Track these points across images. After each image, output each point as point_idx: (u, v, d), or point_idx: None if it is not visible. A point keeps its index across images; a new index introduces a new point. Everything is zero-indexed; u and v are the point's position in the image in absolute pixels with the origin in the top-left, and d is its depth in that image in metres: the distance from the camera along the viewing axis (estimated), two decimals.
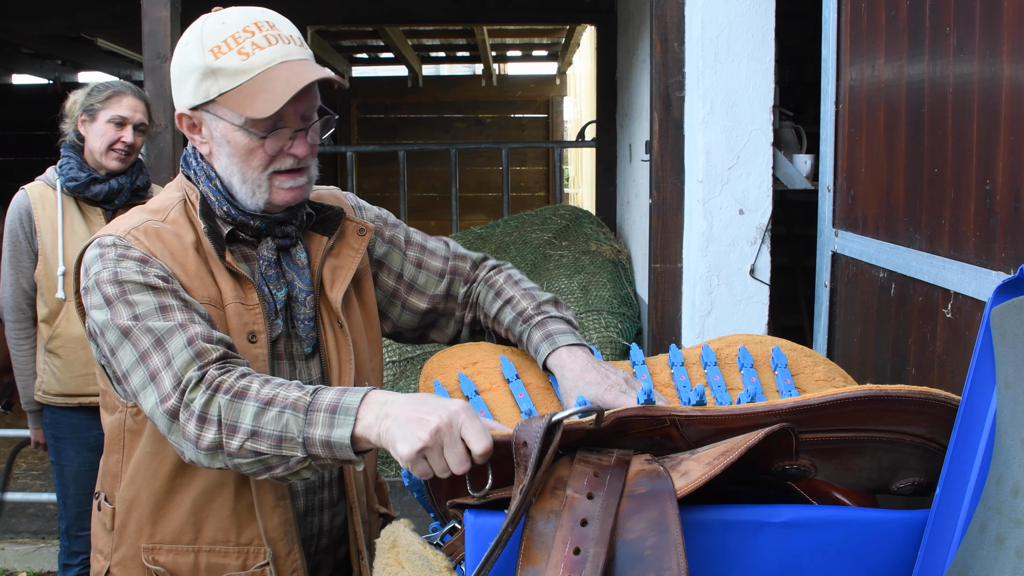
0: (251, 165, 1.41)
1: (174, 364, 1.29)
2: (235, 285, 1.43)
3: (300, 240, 1.51)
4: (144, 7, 3.07)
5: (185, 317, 1.33)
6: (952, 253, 1.58)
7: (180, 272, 1.39)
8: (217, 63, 1.37)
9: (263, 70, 1.36)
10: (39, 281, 2.83)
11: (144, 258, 1.37)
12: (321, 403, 1.23)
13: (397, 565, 0.99)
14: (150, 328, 1.32)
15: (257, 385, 1.27)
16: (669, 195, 2.81)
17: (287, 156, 1.42)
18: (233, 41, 1.37)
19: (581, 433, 1.09)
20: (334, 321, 1.52)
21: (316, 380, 1.52)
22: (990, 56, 1.46)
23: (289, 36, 1.42)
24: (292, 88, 1.34)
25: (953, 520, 1.07)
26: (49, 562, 4.10)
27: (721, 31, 2.63)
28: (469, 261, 1.70)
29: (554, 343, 1.50)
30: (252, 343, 1.43)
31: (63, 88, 7.77)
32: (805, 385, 1.45)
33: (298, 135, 1.42)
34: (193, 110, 1.42)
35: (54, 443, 2.94)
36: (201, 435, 1.26)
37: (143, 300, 1.34)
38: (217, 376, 1.28)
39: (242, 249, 1.48)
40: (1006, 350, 1.01)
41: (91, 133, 2.82)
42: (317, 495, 1.54)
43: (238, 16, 1.40)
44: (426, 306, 1.66)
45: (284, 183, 1.43)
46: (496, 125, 9.73)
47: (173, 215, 1.46)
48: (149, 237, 1.40)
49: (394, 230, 1.68)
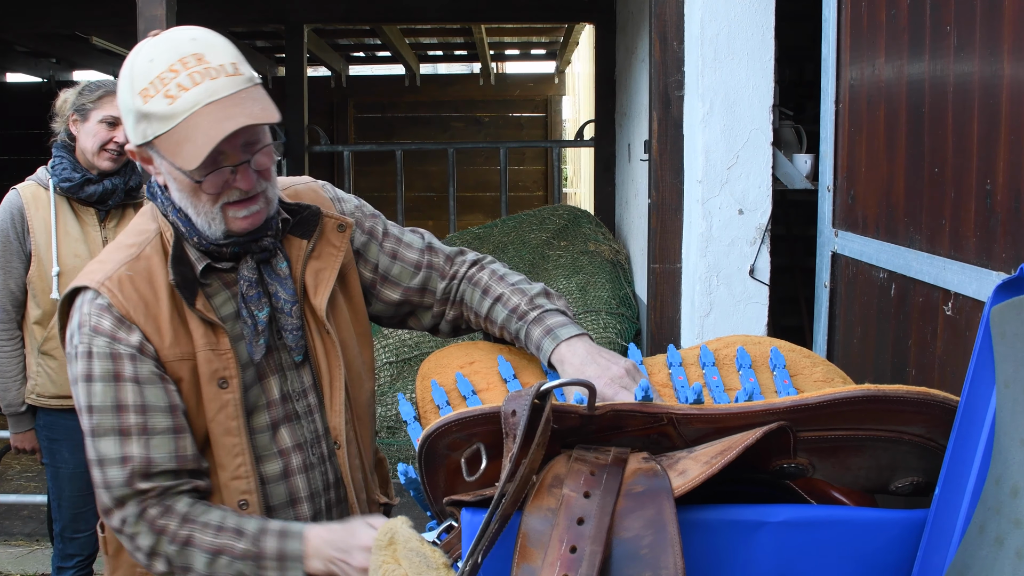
0: (200, 200, 1.40)
1: (112, 488, 1.39)
2: (207, 331, 1.44)
3: (279, 249, 1.50)
4: (139, 5, 3.06)
5: (137, 422, 1.39)
6: (952, 253, 1.58)
7: (153, 332, 1.41)
8: (146, 107, 1.34)
9: (187, 116, 1.32)
10: (33, 283, 2.81)
11: (117, 324, 1.40)
12: (268, 551, 1.38)
13: (394, 563, 0.99)
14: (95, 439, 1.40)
15: (199, 533, 1.39)
16: (668, 195, 2.81)
17: (234, 189, 1.39)
18: (160, 83, 1.33)
19: (575, 420, 1.09)
20: (321, 328, 1.52)
21: (308, 387, 1.54)
22: (991, 55, 1.46)
23: (219, 66, 1.35)
24: (212, 140, 1.30)
25: (952, 520, 1.07)
26: (43, 564, 4.09)
27: (721, 30, 2.63)
28: (443, 255, 1.69)
29: (556, 338, 1.50)
30: (223, 389, 1.44)
31: (57, 86, 7.75)
32: (803, 386, 1.45)
33: (240, 168, 1.38)
34: (139, 147, 1.40)
35: (48, 445, 2.92)
36: (151, 565, 1.41)
37: (102, 393, 1.39)
38: (158, 518, 1.39)
39: (222, 277, 1.48)
40: (1006, 349, 1.01)
41: (83, 133, 2.80)
42: (322, 497, 1.56)
43: (165, 51, 1.35)
44: (399, 298, 1.66)
45: (238, 213, 1.41)
46: (494, 124, 9.73)
47: (148, 251, 1.45)
48: (124, 289, 1.41)
49: (373, 221, 1.67)
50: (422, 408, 1.50)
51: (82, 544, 2.98)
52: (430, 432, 1.09)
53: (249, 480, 1.46)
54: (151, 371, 1.40)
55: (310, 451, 1.53)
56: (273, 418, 1.50)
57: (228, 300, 1.48)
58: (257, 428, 1.49)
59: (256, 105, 1.34)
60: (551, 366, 1.50)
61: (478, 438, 1.09)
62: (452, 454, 1.10)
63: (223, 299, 1.47)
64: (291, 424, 1.52)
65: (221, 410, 1.44)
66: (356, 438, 1.58)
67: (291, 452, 1.51)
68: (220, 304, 1.47)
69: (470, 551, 0.94)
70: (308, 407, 1.54)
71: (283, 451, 1.51)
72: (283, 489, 1.51)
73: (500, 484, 0.99)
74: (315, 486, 1.54)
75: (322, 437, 1.54)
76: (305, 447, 1.53)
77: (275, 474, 1.50)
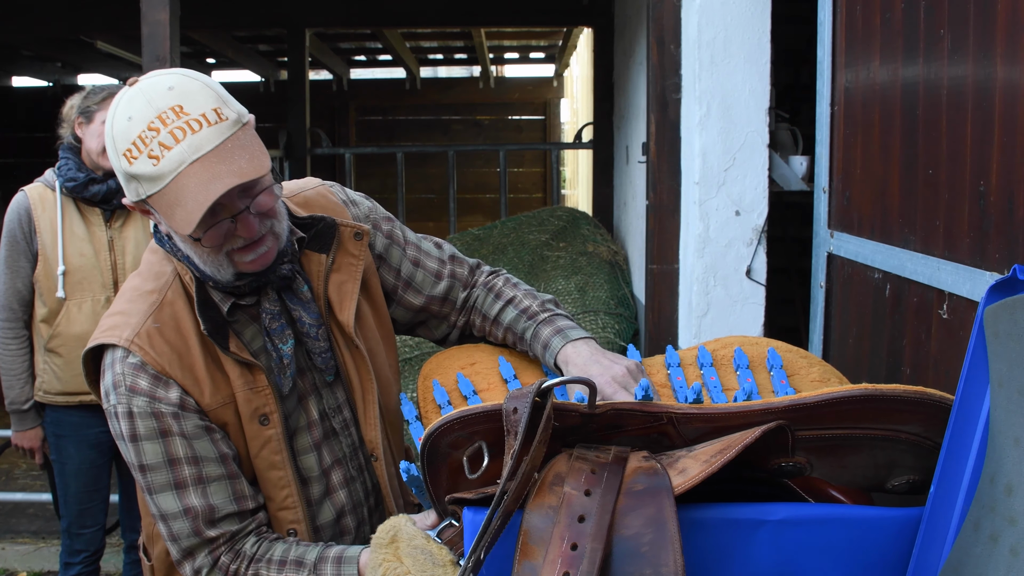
0: (203, 250, 1.36)
1: (180, 540, 1.39)
2: (243, 371, 1.41)
3: (298, 273, 1.47)
4: (143, 10, 3.07)
5: (192, 473, 1.38)
6: (946, 254, 1.59)
7: (191, 384, 1.38)
8: (132, 169, 1.29)
9: (174, 177, 1.27)
10: (39, 281, 2.84)
11: (154, 383, 1.37)
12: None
13: (395, 560, 1.00)
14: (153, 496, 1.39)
15: (264, 570, 1.38)
16: (666, 196, 2.82)
17: (237, 237, 1.35)
18: (141, 143, 1.27)
19: (576, 418, 1.10)
20: (350, 343, 1.52)
21: (342, 402, 1.54)
22: (984, 58, 1.47)
23: (201, 116, 1.29)
24: (201, 206, 1.25)
25: (947, 518, 1.07)
26: (49, 562, 4.11)
27: (718, 33, 2.64)
28: (467, 266, 1.71)
29: (566, 337, 1.52)
30: (264, 425, 1.43)
31: (63, 90, 7.78)
32: (800, 386, 1.46)
33: (240, 216, 1.33)
34: (135, 203, 1.36)
35: (55, 441, 2.95)
36: None
37: (152, 451, 1.37)
38: (230, 564, 1.39)
39: (247, 310, 1.45)
40: (999, 349, 1.02)
41: (88, 134, 2.83)
42: (364, 507, 1.58)
43: (142, 106, 1.29)
44: (420, 304, 1.67)
45: (244, 257, 1.37)
46: (493, 127, 9.75)
47: (171, 296, 1.42)
48: (155, 345, 1.37)
49: (390, 224, 1.66)
50: (424, 408, 1.51)
51: (88, 540, 3.01)
52: (433, 430, 1.10)
53: (296, 510, 1.46)
54: (196, 425, 1.38)
55: (349, 465, 1.55)
56: (315, 438, 1.50)
57: (257, 333, 1.46)
58: (301, 450, 1.49)
59: (243, 156, 1.29)
60: (556, 366, 1.52)
61: (480, 436, 1.10)
62: (454, 452, 1.11)
63: (252, 333, 1.45)
64: (330, 441, 1.53)
65: (265, 446, 1.43)
66: (391, 446, 1.59)
67: (332, 469, 1.52)
68: (250, 339, 1.45)
69: (473, 547, 0.95)
70: (344, 422, 1.54)
71: (326, 470, 1.52)
72: (328, 507, 1.52)
73: (502, 481, 1.00)
74: (356, 498, 1.56)
75: (358, 448, 1.56)
76: (344, 462, 1.54)
77: (320, 494, 1.51)
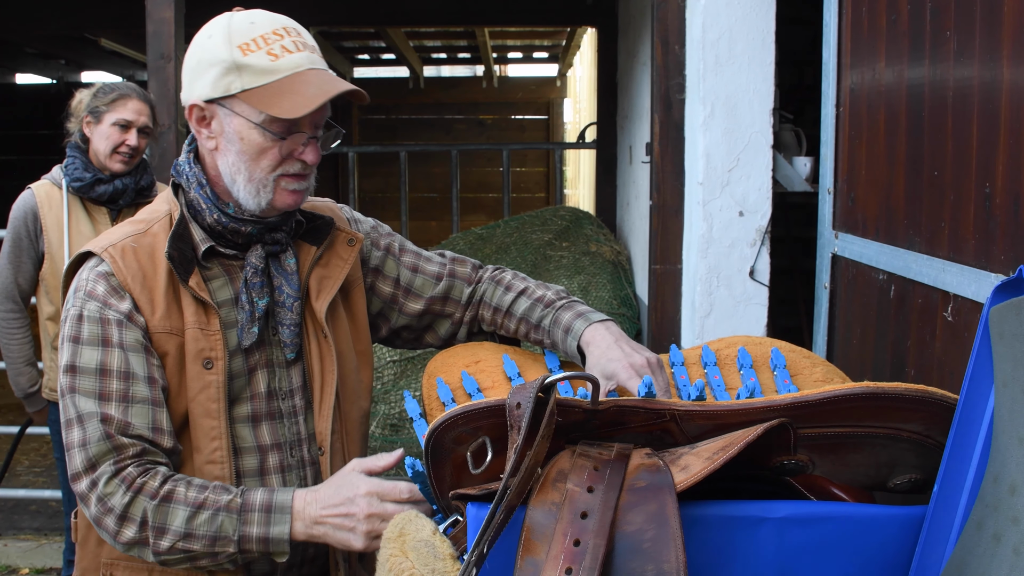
0: (260, 165, 1.42)
1: (89, 445, 1.37)
2: (198, 309, 1.44)
3: (290, 247, 1.52)
4: (148, 8, 3.08)
5: (119, 388, 1.38)
6: (951, 255, 1.59)
7: (145, 303, 1.42)
8: (245, 59, 1.38)
9: (291, 73, 1.39)
10: (46, 279, 2.87)
11: (111, 292, 1.41)
12: (253, 503, 1.37)
13: (401, 555, 1.00)
14: (74, 395, 1.39)
15: (183, 489, 1.37)
16: (669, 197, 2.83)
17: (296, 161, 1.44)
18: (263, 41, 1.39)
19: (579, 414, 1.10)
20: (319, 331, 1.53)
21: (297, 387, 1.52)
22: (990, 60, 1.47)
23: (313, 47, 1.45)
24: (324, 94, 1.38)
25: (951, 517, 1.08)
26: (51, 558, 4.12)
27: (722, 34, 2.64)
28: (469, 264, 1.72)
29: (588, 319, 1.53)
30: (207, 369, 1.44)
31: (67, 88, 7.78)
32: (803, 385, 1.47)
33: (311, 142, 1.45)
34: (208, 103, 1.42)
35: (59, 439, 2.96)
36: (120, 531, 1.36)
37: (88, 356, 1.40)
38: (136, 476, 1.37)
39: (223, 263, 1.49)
40: (1004, 350, 1.02)
41: (96, 135, 2.84)
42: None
43: (266, 19, 1.42)
44: (422, 308, 1.67)
45: (289, 185, 1.45)
46: (496, 126, 9.76)
47: (156, 228, 1.48)
48: (125, 258, 1.43)
49: (389, 239, 1.69)
50: (428, 405, 1.51)
51: None
52: (436, 425, 1.10)
53: (224, 466, 1.44)
54: (136, 339, 1.41)
55: (288, 452, 1.51)
56: (255, 411, 1.49)
57: (225, 286, 1.48)
58: (237, 418, 1.47)
59: (350, 84, 1.42)
60: (578, 349, 1.51)
61: (483, 431, 1.10)
62: (458, 448, 1.11)
63: (220, 284, 1.48)
64: (273, 422, 1.50)
65: (203, 390, 1.43)
66: (343, 450, 1.55)
67: (269, 450, 1.50)
68: (216, 288, 1.47)
69: (476, 541, 0.96)
70: (293, 408, 1.52)
71: (262, 447, 1.49)
72: (257, 485, 1.47)
73: (505, 476, 1.00)
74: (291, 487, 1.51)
75: (304, 441, 1.52)
76: (284, 447, 1.51)
77: (251, 469, 1.48)
